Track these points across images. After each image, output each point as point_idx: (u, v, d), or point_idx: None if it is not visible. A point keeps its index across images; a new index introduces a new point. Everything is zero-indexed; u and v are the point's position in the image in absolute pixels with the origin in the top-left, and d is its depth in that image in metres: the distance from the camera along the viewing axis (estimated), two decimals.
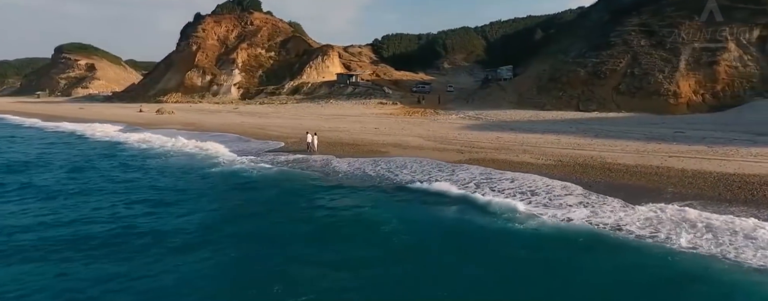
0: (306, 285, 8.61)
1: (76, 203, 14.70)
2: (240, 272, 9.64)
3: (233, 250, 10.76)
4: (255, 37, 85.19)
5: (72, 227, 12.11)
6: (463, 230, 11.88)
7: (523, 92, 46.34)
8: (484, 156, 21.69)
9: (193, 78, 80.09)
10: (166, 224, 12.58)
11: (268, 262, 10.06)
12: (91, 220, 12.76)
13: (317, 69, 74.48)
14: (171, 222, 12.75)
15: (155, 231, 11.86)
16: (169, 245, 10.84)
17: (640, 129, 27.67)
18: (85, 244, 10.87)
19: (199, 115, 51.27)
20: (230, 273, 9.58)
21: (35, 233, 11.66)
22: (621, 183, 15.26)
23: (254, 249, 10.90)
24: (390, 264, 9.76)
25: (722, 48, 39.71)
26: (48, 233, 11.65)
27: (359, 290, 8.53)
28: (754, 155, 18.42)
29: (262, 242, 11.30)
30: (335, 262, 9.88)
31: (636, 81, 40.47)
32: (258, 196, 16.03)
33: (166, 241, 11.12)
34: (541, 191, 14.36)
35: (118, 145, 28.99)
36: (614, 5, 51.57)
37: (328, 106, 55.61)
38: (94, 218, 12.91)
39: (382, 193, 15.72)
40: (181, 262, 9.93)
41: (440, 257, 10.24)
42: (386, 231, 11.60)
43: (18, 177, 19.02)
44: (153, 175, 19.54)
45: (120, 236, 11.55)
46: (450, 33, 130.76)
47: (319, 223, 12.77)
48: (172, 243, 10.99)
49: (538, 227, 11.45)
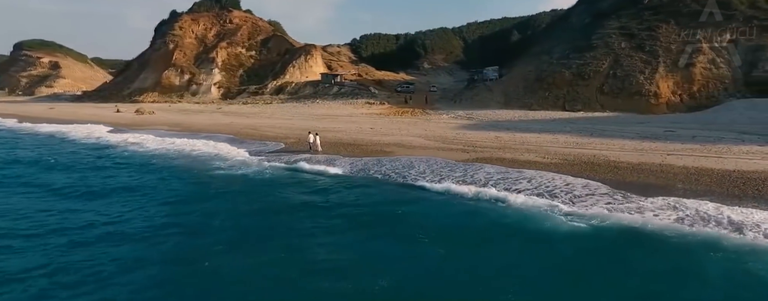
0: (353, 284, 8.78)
1: (129, 207, 14.32)
2: (299, 268, 9.69)
3: (283, 246, 10.84)
4: (235, 35, 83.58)
5: (141, 235, 11.90)
6: (512, 230, 11.89)
7: (510, 93, 47.39)
8: (490, 155, 22.18)
9: (170, 77, 77.86)
10: (210, 226, 12.63)
11: (321, 260, 10.16)
12: (150, 223, 12.81)
13: (300, 69, 73.80)
14: (210, 224, 12.74)
15: (206, 233, 12.03)
16: (220, 245, 11.00)
17: (631, 128, 28.85)
18: (155, 248, 10.99)
19: (183, 116, 49.99)
20: (291, 268, 9.63)
21: (110, 244, 11.38)
22: (631, 180, 15.96)
23: (304, 248, 10.94)
24: (443, 265, 9.94)
25: (697, 51, 41.80)
26: (122, 244, 11.43)
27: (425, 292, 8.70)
28: (745, 152, 19.58)
29: (308, 242, 11.33)
30: (390, 263, 10.01)
31: (618, 82, 42.10)
32: (289, 196, 15.93)
33: (222, 242, 11.28)
34: (564, 189, 14.85)
35: (123, 150, 27.01)
36: (594, 8, 53.42)
37: (315, 106, 55.23)
38: (143, 222, 12.90)
39: (406, 193, 15.90)
40: (232, 260, 10.07)
41: (494, 257, 10.35)
42: (425, 232, 11.73)
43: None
44: (185, 179, 19.14)
45: (171, 235, 11.71)
46: (429, 33, 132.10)
47: (358, 222, 12.84)
48: (221, 243, 11.11)
49: (583, 224, 11.75)
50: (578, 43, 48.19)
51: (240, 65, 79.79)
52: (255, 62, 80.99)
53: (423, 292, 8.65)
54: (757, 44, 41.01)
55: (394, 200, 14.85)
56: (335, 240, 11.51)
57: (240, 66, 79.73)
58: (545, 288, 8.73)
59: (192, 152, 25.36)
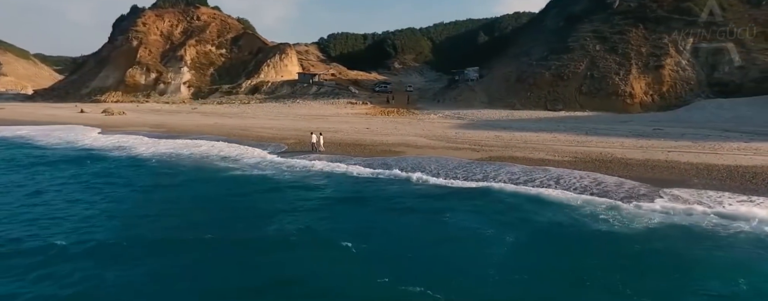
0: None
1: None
2: (374, 267, 9.73)
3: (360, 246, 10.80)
4: (203, 33, 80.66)
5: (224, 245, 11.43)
6: (589, 230, 11.96)
7: (494, 93, 48.80)
8: (501, 154, 22.84)
9: (135, 76, 74.06)
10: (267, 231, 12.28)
11: (411, 262, 10.27)
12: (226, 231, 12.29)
13: (275, 68, 72.37)
14: (268, 228, 12.44)
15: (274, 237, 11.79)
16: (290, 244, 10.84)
17: (620, 127, 30.60)
18: (246, 257, 10.65)
19: (159, 116, 47.79)
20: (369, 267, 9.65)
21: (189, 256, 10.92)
22: (651, 176, 17.02)
23: (391, 250, 10.96)
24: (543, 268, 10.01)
25: (665, 54, 44.76)
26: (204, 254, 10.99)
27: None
28: (736, 148, 21.37)
29: (394, 247, 11.31)
30: (477, 266, 10.20)
31: (596, 83, 44.37)
32: (345, 198, 15.74)
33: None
34: (601, 186, 15.54)
35: (130, 157, 24.18)
36: (566, 12, 55.93)
37: (296, 107, 54.42)
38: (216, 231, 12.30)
39: (455, 193, 15.89)
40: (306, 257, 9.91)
41: (588, 259, 10.28)
42: (514, 235, 11.68)
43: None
44: (214, 183, 18.36)
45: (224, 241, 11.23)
46: (398, 34, 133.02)
47: (429, 226, 12.88)
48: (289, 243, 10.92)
49: (654, 220, 12.30)
50: (555, 46, 50.33)
51: (210, 64, 77.15)
52: (226, 61, 78.54)
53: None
54: (716, 49, 44.46)
55: (450, 203, 14.74)
56: (429, 246, 11.45)
57: (210, 65, 77.10)
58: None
59: (208, 156, 24.03)
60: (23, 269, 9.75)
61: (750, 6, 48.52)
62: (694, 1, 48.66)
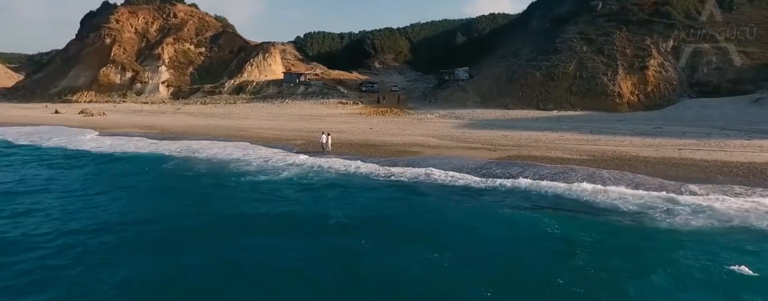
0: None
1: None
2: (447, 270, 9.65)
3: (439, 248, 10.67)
4: (181, 31, 77.92)
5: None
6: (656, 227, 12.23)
7: (486, 93, 49.47)
8: (519, 153, 23.17)
9: (109, 75, 70.73)
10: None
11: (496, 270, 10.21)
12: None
13: (259, 67, 70.79)
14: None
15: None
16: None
17: (619, 125, 31.64)
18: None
19: (143, 117, 45.84)
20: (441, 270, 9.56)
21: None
22: (675, 173, 17.63)
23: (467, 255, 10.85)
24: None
25: (649, 55, 46.60)
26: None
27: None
28: (740, 146, 22.45)
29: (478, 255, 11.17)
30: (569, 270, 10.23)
31: (585, 83, 45.71)
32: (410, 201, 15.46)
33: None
34: (646, 185, 15.92)
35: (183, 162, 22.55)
36: (552, 14, 57.38)
37: (286, 106, 53.43)
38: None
39: (507, 196, 15.70)
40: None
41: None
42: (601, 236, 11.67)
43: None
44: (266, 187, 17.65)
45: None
46: (377, 33, 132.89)
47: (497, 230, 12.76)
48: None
49: (719, 214, 12.68)
50: (543, 47, 51.51)
51: (189, 63, 74.65)
52: (205, 60, 76.20)
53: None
54: (695, 50, 46.67)
55: (512, 202, 14.75)
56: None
57: (189, 64, 74.60)
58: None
59: (234, 159, 22.91)
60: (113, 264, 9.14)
61: (723, 11, 51.18)
62: (672, 5, 50.94)
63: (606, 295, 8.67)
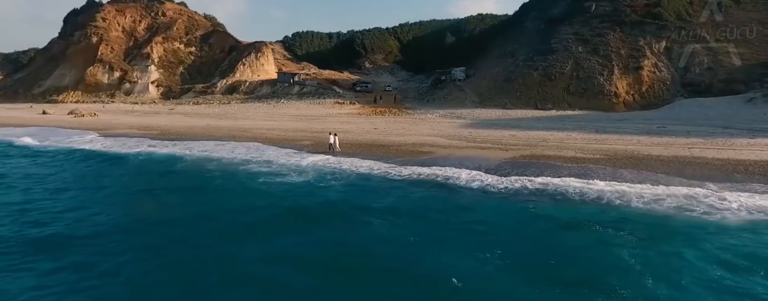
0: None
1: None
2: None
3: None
4: (170, 29, 76.40)
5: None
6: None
7: (484, 92, 49.73)
8: (532, 153, 23.26)
9: (97, 74, 68.96)
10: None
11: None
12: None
13: (251, 67, 69.87)
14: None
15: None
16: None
17: (623, 125, 32.11)
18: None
19: (138, 118, 44.79)
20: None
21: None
22: (693, 172, 17.89)
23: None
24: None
25: (643, 56, 47.47)
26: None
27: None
28: (749, 144, 22.99)
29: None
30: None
31: (582, 83, 46.33)
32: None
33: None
34: (668, 185, 16.07)
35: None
36: (546, 15, 58.00)
37: (282, 107, 52.84)
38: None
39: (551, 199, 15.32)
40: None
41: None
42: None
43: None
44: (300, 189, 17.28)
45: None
46: (366, 33, 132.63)
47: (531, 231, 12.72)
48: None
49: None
50: (539, 47, 52.02)
51: (179, 62, 73.27)
52: (196, 59, 74.90)
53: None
54: (686, 51, 47.67)
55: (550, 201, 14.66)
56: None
57: (179, 63, 73.23)
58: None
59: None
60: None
61: (712, 12, 52.44)
62: (663, 7, 52.00)
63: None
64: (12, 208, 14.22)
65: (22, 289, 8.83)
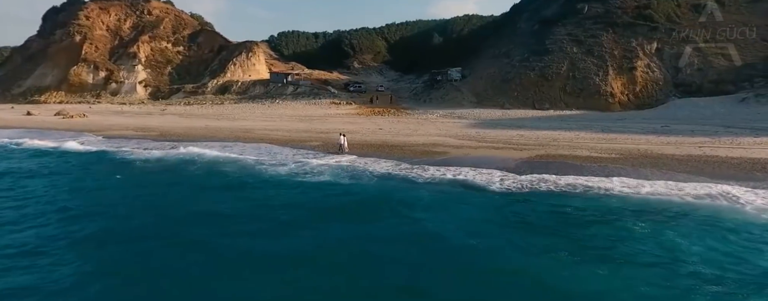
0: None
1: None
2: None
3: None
4: (157, 28, 74.51)
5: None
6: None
7: (481, 93, 49.96)
8: (546, 152, 23.37)
9: (81, 74, 66.73)
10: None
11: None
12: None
13: (242, 67, 68.68)
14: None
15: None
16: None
17: (627, 124, 32.63)
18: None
19: (130, 119, 43.48)
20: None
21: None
22: (712, 171, 18.20)
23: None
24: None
25: (635, 57, 48.42)
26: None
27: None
28: (757, 143, 23.55)
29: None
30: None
31: (578, 83, 46.97)
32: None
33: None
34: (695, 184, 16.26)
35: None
36: (539, 16, 58.65)
37: (278, 107, 52.08)
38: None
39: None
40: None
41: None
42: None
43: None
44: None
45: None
46: (354, 33, 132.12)
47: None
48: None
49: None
50: (535, 48, 52.54)
51: (167, 62, 71.52)
52: (184, 59, 73.25)
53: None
54: (677, 52, 48.86)
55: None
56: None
57: (167, 63, 71.49)
58: None
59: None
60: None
61: (698, 15, 53.85)
62: (653, 9, 53.15)
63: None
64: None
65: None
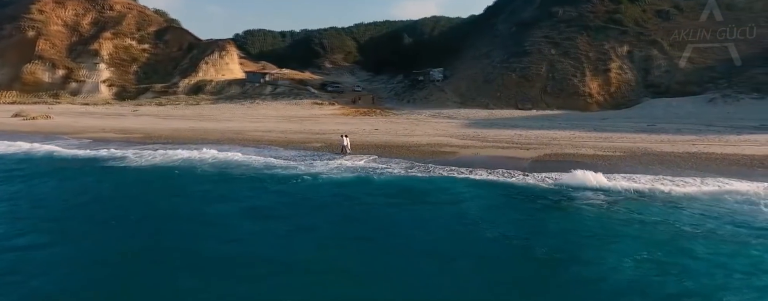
0: None
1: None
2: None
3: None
4: (120, 25, 70.45)
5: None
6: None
7: (465, 93, 50.65)
8: (552, 151, 23.89)
9: (36, 72, 62.01)
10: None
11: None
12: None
13: (216, 66, 66.22)
14: None
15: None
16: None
17: (613, 123, 34.01)
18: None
19: (102, 121, 40.79)
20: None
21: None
22: (718, 167, 19.23)
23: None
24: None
25: (609, 59, 50.65)
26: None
27: None
28: (743, 141, 25.11)
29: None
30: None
31: (558, 84, 48.57)
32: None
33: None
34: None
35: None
36: (516, 18, 60.23)
37: (259, 107, 50.56)
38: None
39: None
40: None
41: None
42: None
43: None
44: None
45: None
46: (324, 32, 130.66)
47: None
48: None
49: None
50: (514, 49, 53.89)
51: (133, 60, 67.80)
52: (151, 57, 69.70)
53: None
54: (647, 55, 51.55)
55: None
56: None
57: (133, 61, 67.77)
58: None
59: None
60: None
61: (661, 20, 57.05)
62: (622, 13, 55.84)
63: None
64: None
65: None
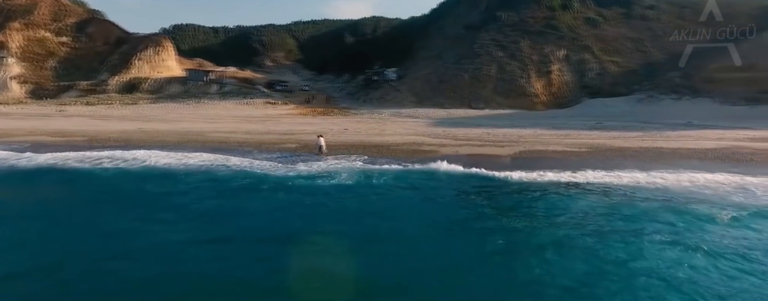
0: None
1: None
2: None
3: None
4: (31, 15, 62.36)
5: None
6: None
7: (420, 93, 51.54)
8: (527, 149, 25.04)
9: None
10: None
11: None
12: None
13: (150, 63, 60.98)
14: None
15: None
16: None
17: (568, 121, 36.51)
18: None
19: (34, 122, 35.72)
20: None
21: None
22: (677, 162, 21.34)
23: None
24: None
25: (550, 62, 54.33)
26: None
27: None
28: (683, 136, 28.17)
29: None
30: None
31: (507, 85, 51.15)
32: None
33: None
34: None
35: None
36: (463, 21, 62.44)
37: (206, 107, 47.47)
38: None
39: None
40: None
41: None
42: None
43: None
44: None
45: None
46: (262, 29, 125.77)
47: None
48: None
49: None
50: (463, 51, 55.91)
51: (49, 54, 60.40)
52: (71, 51, 62.55)
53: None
54: (581, 59, 56.00)
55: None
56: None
57: (49, 55, 60.37)
58: None
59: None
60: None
61: (590, 27, 62.21)
62: (557, 19, 60.20)
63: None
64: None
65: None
